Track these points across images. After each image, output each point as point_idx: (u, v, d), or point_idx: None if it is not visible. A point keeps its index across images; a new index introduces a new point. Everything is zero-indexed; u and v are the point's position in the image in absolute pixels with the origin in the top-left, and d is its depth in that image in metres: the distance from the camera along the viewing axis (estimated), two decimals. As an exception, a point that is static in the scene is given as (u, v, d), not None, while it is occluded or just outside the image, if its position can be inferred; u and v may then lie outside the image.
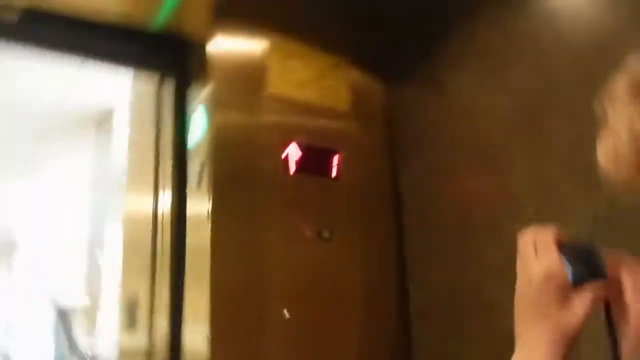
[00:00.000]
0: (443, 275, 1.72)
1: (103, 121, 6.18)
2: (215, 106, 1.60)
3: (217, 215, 1.52)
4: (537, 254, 0.71)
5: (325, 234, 1.67)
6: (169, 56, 1.87)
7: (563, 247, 0.72)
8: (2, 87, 5.39)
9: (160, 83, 1.89)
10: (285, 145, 1.68)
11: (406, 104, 1.92)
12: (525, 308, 0.71)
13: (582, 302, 0.69)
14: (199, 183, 1.59)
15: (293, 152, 1.69)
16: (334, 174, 1.75)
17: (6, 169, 7.33)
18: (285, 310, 1.55)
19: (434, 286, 1.75)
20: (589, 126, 1.34)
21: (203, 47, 1.66)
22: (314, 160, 1.73)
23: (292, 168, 1.67)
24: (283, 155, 1.67)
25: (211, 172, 1.55)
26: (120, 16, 1.77)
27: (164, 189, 1.83)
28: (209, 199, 1.53)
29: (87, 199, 6.89)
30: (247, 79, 1.67)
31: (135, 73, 1.93)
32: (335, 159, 1.76)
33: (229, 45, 1.67)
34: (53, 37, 1.74)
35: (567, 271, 0.70)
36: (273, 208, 1.61)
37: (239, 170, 1.59)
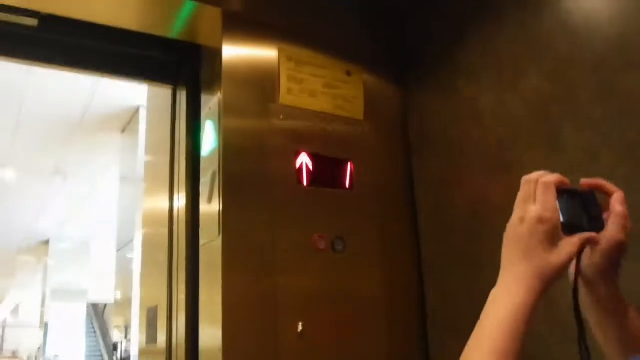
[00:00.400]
0: (460, 277, 1.69)
1: (129, 121, 6.27)
2: (226, 115, 1.59)
3: (228, 227, 1.51)
4: (536, 196, 0.74)
5: (339, 247, 1.65)
6: (182, 63, 1.88)
7: (563, 193, 0.74)
8: (28, 93, 5.53)
9: (174, 89, 1.90)
10: (298, 155, 1.66)
11: (421, 110, 1.89)
12: (513, 245, 0.74)
13: (567, 249, 0.72)
14: (211, 193, 1.59)
15: (306, 163, 1.67)
16: (347, 184, 1.73)
17: (37, 172, 7.51)
18: (300, 324, 1.54)
19: (452, 290, 1.72)
20: (604, 133, 1.31)
21: (215, 55, 1.65)
22: (327, 170, 1.71)
23: (305, 179, 1.66)
24: (297, 166, 1.65)
25: (222, 182, 1.54)
26: (136, 24, 1.78)
27: (178, 194, 1.84)
28: (220, 210, 1.52)
29: (117, 199, 7.02)
30: (259, 87, 1.65)
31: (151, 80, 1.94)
32: (349, 169, 1.74)
33: (240, 54, 1.66)
34: (71, 42, 1.76)
35: (561, 217, 0.72)
36: (285, 219, 1.60)
37: (251, 181, 1.58)
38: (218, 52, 1.64)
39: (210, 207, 1.59)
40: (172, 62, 1.86)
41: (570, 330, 0.80)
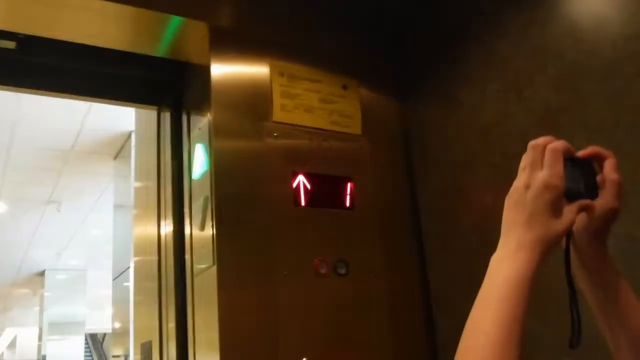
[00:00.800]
0: (467, 298, 1.58)
1: (121, 147, 6.18)
2: (217, 137, 1.50)
3: (223, 254, 1.42)
4: (544, 162, 0.74)
5: (342, 270, 1.55)
6: (167, 83, 1.79)
7: (567, 161, 0.76)
8: (19, 122, 5.44)
9: (159, 111, 1.81)
10: (294, 174, 1.57)
11: (422, 124, 1.80)
12: (516, 211, 0.74)
13: (569, 215, 0.74)
14: (204, 219, 1.49)
15: (303, 182, 1.58)
16: (347, 203, 1.63)
17: (30, 202, 7.39)
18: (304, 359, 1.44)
19: (459, 311, 1.61)
20: (614, 143, 1.22)
21: (203, 73, 1.57)
22: (326, 190, 1.61)
23: (303, 199, 1.56)
24: (293, 185, 1.56)
25: (215, 207, 1.44)
26: (119, 42, 1.69)
27: (165, 220, 1.75)
28: (213, 235, 1.42)
29: (111, 227, 6.89)
30: (251, 105, 1.56)
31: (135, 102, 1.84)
32: (349, 188, 1.65)
33: (229, 71, 1.57)
34: (52, 64, 1.67)
35: (565, 184, 0.73)
36: (283, 243, 1.50)
37: (245, 204, 1.48)
38: (206, 70, 1.55)
39: (204, 234, 1.49)
40: (157, 81, 1.77)
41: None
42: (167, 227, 1.70)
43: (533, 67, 1.46)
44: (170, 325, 1.59)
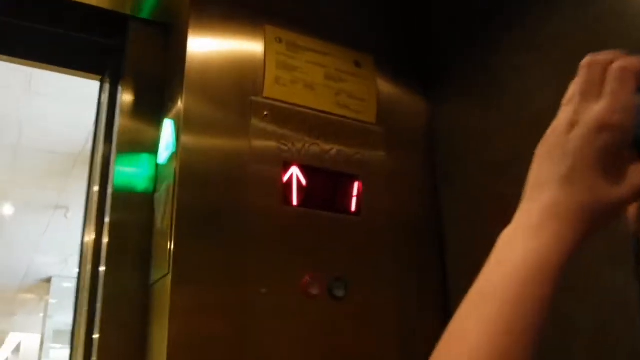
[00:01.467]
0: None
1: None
2: (189, 113, 1.17)
3: (180, 258, 1.08)
4: (604, 89, 0.48)
5: (339, 292, 1.19)
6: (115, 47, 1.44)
7: None
8: (27, 124, 5.23)
9: (103, 83, 1.47)
10: (286, 168, 1.23)
11: (450, 120, 1.46)
12: (551, 159, 0.50)
13: (636, 179, 0.47)
14: (162, 214, 1.16)
15: (296, 178, 1.24)
16: (353, 207, 1.29)
17: (38, 206, 7.18)
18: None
19: None
20: None
21: (178, 38, 1.25)
22: (326, 188, 1.27)
23: (295, 198, 1.22)
24: (284, 180, 1.22)
25: (177, 201, 1.11)
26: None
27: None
28: (170, 235, 1.09)
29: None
30: (236, 79, 1.24)
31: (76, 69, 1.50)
32: (355, 188, 1.30)
33: (213, 36, 1.25)
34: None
35: (636, 127, 0.47)
36: (264, 252, 1.16)
37: (217, 198, 1.15)
38: (181, 34, 1.24)
39: (162, 235, 1.16)
40: (104, 44, 1.41)
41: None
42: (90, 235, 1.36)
43: (593, 45, 1.11)
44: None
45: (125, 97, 1.33)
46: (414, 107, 1.48)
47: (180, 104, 1.18)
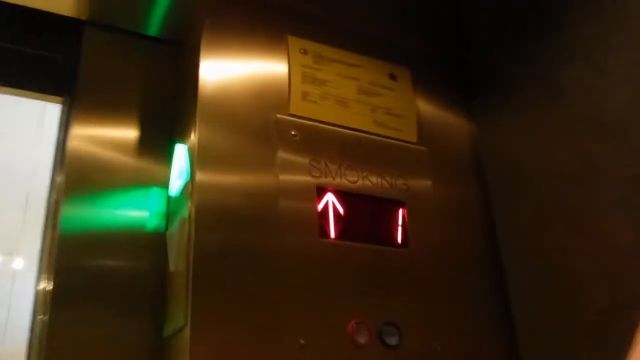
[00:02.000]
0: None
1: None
2: (201, 154, 0.99)
3: (200, 307, 0.89)
4: None
5: (391, 340, 0.99)
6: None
7: None
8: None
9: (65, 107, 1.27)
10: (320, 195, 1.05)
11: (499, 136, 1.28)
12: None
13: None
14: (176, 254, 0.97)
15: (332, 206, 1.06)
16: (399, 238, 1.10)
17: None
18: None
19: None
20: None
21: (190, 56, 1.10)
22: (367, 217, 1.09)
23: (332, 229, 1.03)
24: (318, 209, 1.04)
25: (195, 239, 0.92)
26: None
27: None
28: (188, 280, 0.90)
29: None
30: (257, 99, 1.07)
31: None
32: (400, 216, 1.12)
33: (226, 55, 1.10)
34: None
35: None
36: (299, 296, 0.96)
37: (241, 233, 0.96)
38: (193, 51, 1.09)
39: (178, 279, 0.97)
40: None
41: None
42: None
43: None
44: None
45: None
46: (457, 124, 1.31)
47: (193, 136, 1.01)
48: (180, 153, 1.05)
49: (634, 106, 1.00)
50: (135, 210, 1.10)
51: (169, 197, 1.10)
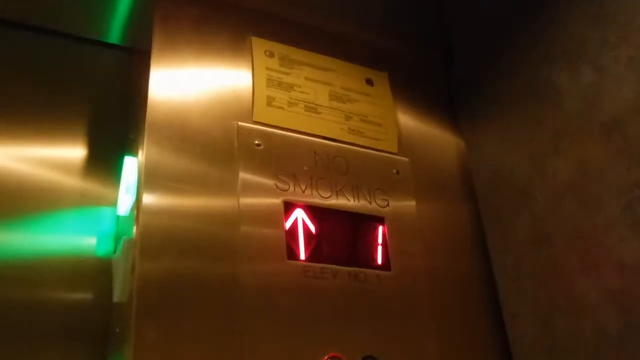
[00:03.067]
0: None
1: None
2: (149, 176, 0.86)
3: (147, 340, 0.75)
4: None
5: (371, 378, 0.86)
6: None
7: None
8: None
9: None
10: (288, 211, 0.93)
11: (489, 151, 1.17)
12: None
13: None
14: (121, 281, 0.84)
15: (302, 223, 0.93)
16: (379, 259, 0.97)
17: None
18: None
19: None
20: None
21: (142, 61, 0.98)
22: (343, 235, 0.96)
23: (302, 250, 0.91)
24: (286, 227, 0.91)
25: (138, 262, 0.79)
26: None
27: None
28: (132, 310, 0.77)
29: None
30: (216, 109, 0.95)
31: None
32: (380, 234, 0.99)
33: (181, 62, 0.98)
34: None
35: None
36: (267, 334, 0.83)
37: (196, 256, 0.83)
38: (142, 56, 0.97)
39: (122, 309, 0.84)
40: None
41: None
42: None
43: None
44: None
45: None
46: (442, 134, 1.20)
47: (141, 154, 0.89)
48: (129, 167, 0.92)
49: (632, 104, 0.89)
50: (78, 235, 0.97)
51: (118, 218, 0.98)
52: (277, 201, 0.92)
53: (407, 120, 1.15)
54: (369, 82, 1.11)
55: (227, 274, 0.84)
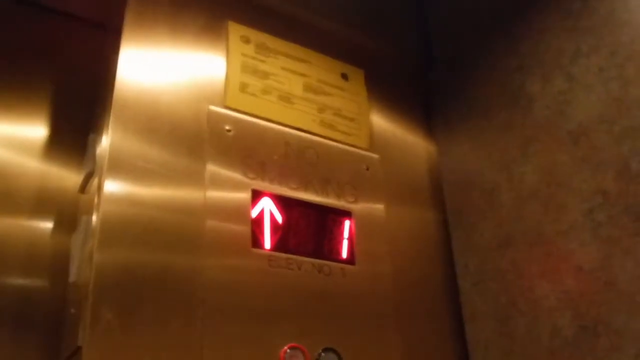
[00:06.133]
0: None
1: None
2: (112, 164, 0.82)
3: (101, 326, 0.73)
4: None
5: (330, 369, 0.85)
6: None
7: None
8: None
9: None
10: (255, 199, 0.91)
11: (459, 152, 1.18)
12: None
13: None
14: (80, 260, 0.81)
15: (269, 213, 0.92)
16: (344, 253, 0.97)
17: None
18: None
19: None
20: None
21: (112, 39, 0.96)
22: (309, 227, 0.95)
23: (268, 239, 0.90)
24: (253, 215, 0.90)
25: (98, 246, 0.77)
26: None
27: None
28: (88, 293, 0.74)
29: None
30: (187, 94, 0.94)
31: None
32: (347, 228, 0.99)
33: (155, 35, 0.96)
34: None
35: None
36: (225, 322, 0.81)
37: (157, 238, 0.81)
38: (116, 34, 0.95)
39: (78, 289, 0.81)
40: None
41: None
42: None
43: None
44: None
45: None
46: (413, 135, 1.21)
47: (105, 138, 0.86)
48: (93, 146, 0.90)
49: (600, 113, 0.91)
50: (35, 218, 0.94)
51: (78, 197, 0.95)
52: (244, 188, 0.91)
53: (380, 118, 1.15)
54: (344, 76, 1.11)
55: (189, 266, 0.81)
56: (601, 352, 0.86)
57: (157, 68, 0.93)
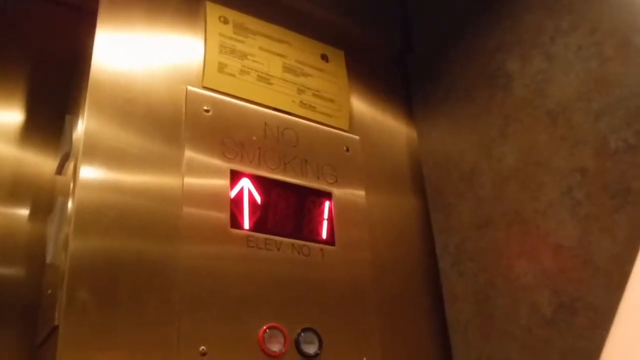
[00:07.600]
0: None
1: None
2: (88, 150, 0.81)
3: (77, 304, 0.72)
4: None
5: (310, 348, 0.85)
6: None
7: None
8: None
9: None
10: (234, 180, 0.91)
11: (441, 135, 1.18)
12: None
13: None
14: (55, 241, 0.80)
15: (248, 193, 0.92)
16: (324, 234, 0.97)
17: None
18: None
19: None
20: None
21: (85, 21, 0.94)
22: (289, 208, 0.95)
23: (246, 219, 0.89)
24: (231, 196, 0.89)
25: (75, 224, 0.76)
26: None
27: None
28: (64, 274, 0.73)
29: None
30: (164, 75, 0.93)
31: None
32: (326, 209, 0.99)
33: (131, 16, 0.95)
34: None
35: None
36: (203, 303, 0.81)
37: (135, 220, 0.80)
38: (91, 15, 0.93)
39: (54, 271, 0.80)
40: None
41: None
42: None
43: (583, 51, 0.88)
44: None
45: None
46: (394, 117, 1.21)
47: (80, 123, 0.84)
48: (70, 127, 0.89)
49: (578, 91, 0.91)
50: (10, 205, 0.93)
51: (55, 179, 0.94)
52: (223, 171, 0.90)
53: (360, 100, 1.15)
54: (324, 57, 1.10)
55: (165, 253, 0.81)
56: (579, 329, 0.86)
57: (133, 49, 0.92)
